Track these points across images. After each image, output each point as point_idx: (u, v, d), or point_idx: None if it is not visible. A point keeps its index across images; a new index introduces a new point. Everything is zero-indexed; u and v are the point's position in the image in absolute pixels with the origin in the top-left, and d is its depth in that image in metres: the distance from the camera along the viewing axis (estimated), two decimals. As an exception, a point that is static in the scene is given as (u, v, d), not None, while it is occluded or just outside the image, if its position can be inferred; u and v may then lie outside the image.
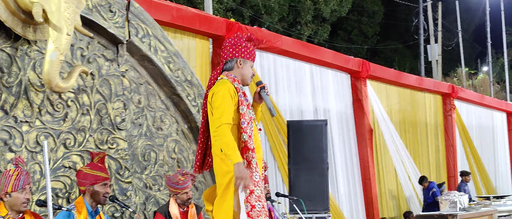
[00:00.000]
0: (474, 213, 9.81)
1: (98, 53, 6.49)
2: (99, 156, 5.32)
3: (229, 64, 4.89)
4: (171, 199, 6.03)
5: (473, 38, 39.05)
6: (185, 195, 5.98)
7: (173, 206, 5.98)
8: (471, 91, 17.24)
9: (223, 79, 4.80)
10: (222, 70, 4.89)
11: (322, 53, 10.67)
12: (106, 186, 5.15)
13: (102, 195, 5.11)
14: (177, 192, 5.97)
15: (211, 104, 4.71)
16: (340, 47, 27.78)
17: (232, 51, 4.89)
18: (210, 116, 4.73)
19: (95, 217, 5.11)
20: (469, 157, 15.72)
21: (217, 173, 4.71)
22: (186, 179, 6.00)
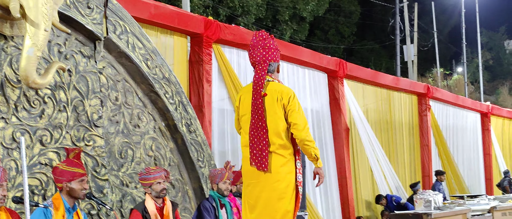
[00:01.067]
0: (448, 212, 9.89)
1: (75, 49, 6.45)
2: (74, 152, 5.29)
3: (272, 67, 5.34)
4: (147, 195, 6.02)
5: (448, 39, 39.43)
6: (159, 185, 5.94)
7: (149, 202, 5.97)
8: (446, 91, 17.38)
9: (280, 82, 5.34)
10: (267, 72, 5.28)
11: (299, 52, 10.71)
12: (83, 182, 5.13)
13: (79, 191, 5.10)
14: (151, 184, 5.94)
15: (288, 106, 5.15)
16: (317, 47, 27.88)
17: (275, 55, 5.35)
18: (292, 116, 5.12)
19: (72, 213, 5.09)
20: (442, 156, 15.87)
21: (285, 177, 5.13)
22: (157, 168, 6.03)
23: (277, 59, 5.39)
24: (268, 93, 5.21)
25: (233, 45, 9.29)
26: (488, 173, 18.06)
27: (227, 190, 6.68)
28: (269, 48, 5.35)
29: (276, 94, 5.20)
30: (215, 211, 6.54)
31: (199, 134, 7.79)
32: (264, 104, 5.18)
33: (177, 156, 7.64)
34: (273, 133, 5.13)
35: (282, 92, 5.22)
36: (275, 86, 5.25)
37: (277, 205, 5.08)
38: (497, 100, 34.01)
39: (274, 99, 5.18)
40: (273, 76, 5.35)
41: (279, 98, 5.18)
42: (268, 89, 5.23)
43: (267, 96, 5.21)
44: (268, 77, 5.30)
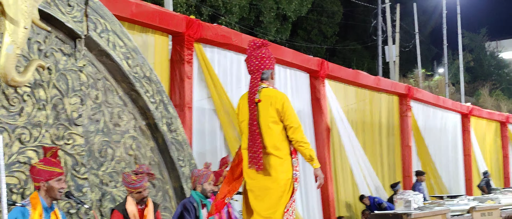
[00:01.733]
0: (428, 212, 9.94)
1: (55, 47, 6.41)
2: (52, 151, 5.25)
3: (265, 74, 5.77)
4: (129, 196, 5.99)
5: (430, 40, 39.68)
6: (139, 195, 5.93)
7: (130, 203, 5.94)
8: (427, 92, 17.47)
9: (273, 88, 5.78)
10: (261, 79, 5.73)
11: (281, 52, 10.71)
12: (61, 181, 5.10)
13: (57, 190, 5.06)
14: (131, 191, 5.93)
15: (282, 110, 5.60)
16: (299, 47, 27.93)
17: (268, 63, 5.78)
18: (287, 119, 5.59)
19: (50, 213, 5.06)
20: (422, 157, 15.96)
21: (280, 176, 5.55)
22: (139, 178, 5.93)
23: (270, 66, 5.78)
24: (262, 99, 5.63)
25: (215, 44, 9.28)
26: (468, 174, 18.19)
27: (211, 191, 6.67)
28: (261, 57, 5.77)
29: (270, 99, 5.61)
30: (196, 211, 6.53)
31: (180, 134, 7.77)
32: (258, 110, 5.62)
33: (157, 155, 7.62)
34: (267, 136, 5.58)
35: (275, 97, 5.64)
36: (269, 92, 5.67)
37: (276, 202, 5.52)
38: (477, 101, 34.26)
39: (268, 104, 5.61)
40: (267, 82, 5.76)
41: (273, 102, 5.61)
42: (262, 95, 5.65)
43: (262, 102, 5.63)
44: (262, 83, 5.72)
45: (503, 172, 20.69)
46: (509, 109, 32.43)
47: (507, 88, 39.56)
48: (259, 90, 5.70)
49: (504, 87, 39.42)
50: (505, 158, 20.71)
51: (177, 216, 6.49)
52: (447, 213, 10.51)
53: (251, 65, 5.81)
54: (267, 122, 5.59)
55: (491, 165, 19.92)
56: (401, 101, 15.02)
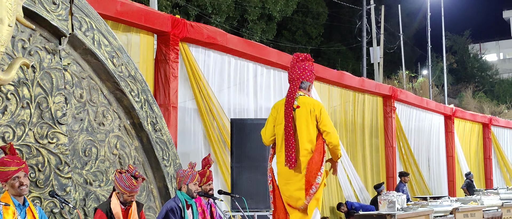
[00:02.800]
0: (411, 213, 9.99)
1: (40, 45, 6.37)
2: (7, 147, 5.16)
3: (304, 84, 6.52)
4: (114, 195, 5.96)
5: (414, 42, 39.89)
6: (130, 198, 5.92)
7: (115, 203, 5.90)
8: (410, 94, 17.54)
9: (310, 96, 6.52)
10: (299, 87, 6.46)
11: (266, 53, 10.72)
12: (20, 178, 5.00)
13: (17, 188, 4.98)
14: (123, 193, 5.90)
15: (319, 116, 6.33)
16: (284, 47, 27.96)
17: (309, 76, 6.56)
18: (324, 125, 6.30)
19: (24, 209, 5.01)
20: (405, 158, 16.03)
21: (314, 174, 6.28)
22: (138, 183, 5.93)
23: (310, 79, 6.57)
24: (300, 105, 6.37)
25: (200, 44, 9.27)
26: (451, 175, 18.29)
27: (196, 191, 6.66)
28: (304, 69, 6.55)
29: (309, 106, 6.35)
30: (181, 212, 6.51)
31: (165, 133, 7.75)
32: (295, 115, 6.37)
33: (142, 155, 7.59)
34: (305, 140, 6.31)
35: (314, 104, 6.39)
36: (307, 100, 6.40)
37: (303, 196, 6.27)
38: (460, 103, 34.49)
39: (308, 111, 6.34)
40: (305, 91, 6.49)
41: (312, 110, 6.34)
42: (300, 102, 6.39)
43: (300, 108, 6.36)
44: (299, 92, 6.45)
45: (485, 174, 20.83)
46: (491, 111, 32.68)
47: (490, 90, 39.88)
48: (297, 97, 6.42)
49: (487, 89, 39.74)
50: (488, 159, 20.85)
51: (162, 216, 6.46)
52: (431, 214, 10.57)
53: (292, 74, 6.56)
54: (305, 126, 6.31)
55: (474, 166, 20.05)
56: (385, 102, 15.08)
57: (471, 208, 12.03)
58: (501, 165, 21.68)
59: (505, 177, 21.68)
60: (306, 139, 6.31)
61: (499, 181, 21.28)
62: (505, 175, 21.72)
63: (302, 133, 6.32)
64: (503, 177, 21.68)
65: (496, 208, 13.08)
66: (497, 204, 13.22)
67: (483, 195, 13.19)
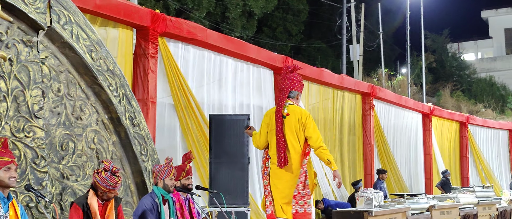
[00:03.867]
0: (388, 210, 10.06)
1: (17, 38, 6.32)
2: (0, 141, 5.15)
3: (292, 94, 7.26)
4: (91, 191, 5.92)
5: (393, 40, 40.11)
6: (107, 195, 5.91)
7: (92, 198, 5.87)
8: (389, 91, 17.63)
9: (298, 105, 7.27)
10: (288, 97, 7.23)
11: (246, 49, 10.72)
12: (11, 170, 5.00)
13: (7, 179, 4.97)
14: (109, 192, 5.88)
15: (305, 123, 7.11)
16: (264, 44, 27.97)
17: (297, 85, 7.28)
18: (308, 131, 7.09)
19: (8, 203, 4.98)
20: (383, 155, 16.12)
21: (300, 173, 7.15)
22: (120, 180, 5.93)
23: (298, 88, 7.28)
24: (290, 113, 7.12)
25: (180, 39, 9.24)
26: (428, 173, 18.43)
27: (173, 186, 6.65)
28: (292, 80, 7.27)
29: (297, 115, 7.13)
30: (158, 207, 6.49)
31: (143, 128, 7.73)
32: (284, 122, 7.13)
33: (119, 150, 7.56)
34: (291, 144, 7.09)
35: (301, 113, 7.16)
36: (295, 108, 7.17)
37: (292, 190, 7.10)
38: (438, 102, 34.74)
39: (296, 119, 7.11)
40: (293, 100, 7.25)
41: (299, 118, 7.12)
42: (289, 110, 7.14)
43: (289, 115, 7.12)
44: (289, 101, 7.22)
45: (462, 172, 21.02)
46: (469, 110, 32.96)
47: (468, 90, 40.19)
48: (286, 105, 7.19)
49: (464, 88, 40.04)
50: (464, 158, 21.04)
51: (139, 212, 6.45)
52: (407, 211, 10.64)
53: (282, 84, 7.29)
54: (293, 132, 7.10)
55: (451, 164, 20.22)
56: (364, 100, 15.15)
57: (448, 205, 12.14)
58: (477, 164, 21.88)
59: (480, 175, 21.90)
60: (294, 143, 7.12)
61: (475, 179, 21.49)
62: (481, 173, 21.93)
63: (290, 138, 7.13)
64: (479, 175, 21.90)
65: (472, 206, 13.21)
66: (473, 202, 13.35)
67: (459, 193, 13.31)
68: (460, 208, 12.55)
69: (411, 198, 11.86)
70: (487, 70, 44.53)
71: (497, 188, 20.82)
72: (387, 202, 10.73)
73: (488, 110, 35.88)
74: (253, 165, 10.43)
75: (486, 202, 13.76)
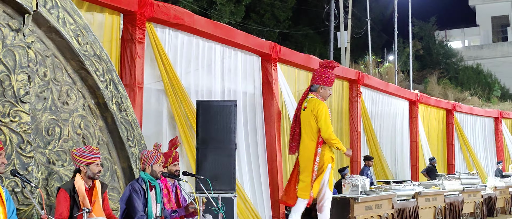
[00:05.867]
0: (374, 196, 10.12)
1: (3, 22, 6.26)
2: None
3: (314, 87, 8.18)
4: (78, 175, 5.93)
5: (381, 27, 40.13)
6: (97, 167, 5.95)
7: (79, 182, 5.89)
8: (376, 79, 17.65)
9: (317, 98, 8.08)
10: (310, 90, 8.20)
11: (234, 35, 10.68)
12: (1, 156, 4.99)
13: None
14: (90, 163, 5.90)
15: (317, 115, 7.98)
16: (252, 30, 27.92)
17: (318, 80, 8.15)
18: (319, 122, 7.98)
19: (-6, 189, 4.97)
20: (370, 142, 16.17)
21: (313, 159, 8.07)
22: (96, 148, 6.00)
23: (320, 82, 8.12)
24: (307, 107, 8.05)
25: (167, 24, 9.19)
26: (414, 160, 18.52)
27: (160, 172, 6.65)
28: (319, 75, 8.18)
29: (312, 107, 8.00)
30: (145, 193, 6.49)
31: (130, 113, 7.70)
32: (301, 116, 8.13)
33: (106, 135, 7.54)
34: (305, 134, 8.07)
35: (315, 105, 8.00)
36: (313, 101, 8.03)
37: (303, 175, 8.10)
38: (425, 89, 34.88)
39: (310, 111, 8.01)
40: (315, 94, 8.12)
41: (313, 109, 7.98)
42: (308, 104, 8.06)
43: (306, 109, 8.05)
44: (311, 94, 8.13)
45: (447, 159, 21.14)
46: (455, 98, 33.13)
47: (454, 77, 40.36)
48: (307, 99, 8.10)
49: (451, 76, 40.21)
50: (450, 145, 21.16)
51: (126, 197, 6.44)
52: (393, 198, 10.71)
53: (312, 79, 8.25)
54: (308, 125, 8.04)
55: (437, 151, 20.33)
56: (351, 87, 15.17)
57: (433, 192, 12.23)
58: (464, 150, 22.01)
59: (467, 162, 22.04)
60: (309, 133, 8.04)
61: (461, 166, 21.63)
62: (468, 160, 22.07)
63: (306, 130, 8.06)
64: (466, 162, 22.04)
65: (457, 193, 13.31)
66: (459, 189, 13.46)
67: (445, 180, 13.40)
68: (446, 195, 12.64)
69: (397, 185, 11.94)
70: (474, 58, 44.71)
71: (482, 175, 20.97)
72: (373, 188, 10.79)
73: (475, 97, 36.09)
74: (240, 151, 10.43)
75: (471, 189, 13.87)
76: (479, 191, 14.33)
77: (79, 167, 5.97)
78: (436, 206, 12.08)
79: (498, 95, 39.27)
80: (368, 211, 9.89)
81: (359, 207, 9.67)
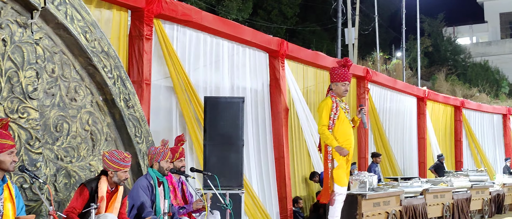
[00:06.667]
0: (382, 193, 10.10)
1: (11, 19, 6.28)
2: (2, 123, 5.12)
3: (330, 86, 8.61)
4: (103, 176, 5.89)
5: (389, 24, 40.03)
6: (124, 174, 5.89)
7: (103, 183, 5.85)
8: (384, 75, 17.60)
9: (327, 97, 8.54)
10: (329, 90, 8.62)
11: (241, 31, 10.67)
12: (13, 154, 4.99)
13: (9, 163, 4.95)
14: (119, 170, 5.85)
15: (317, 111, 8.61)
16: (260, 26, 27.90)
17: (331, 78, 8.57)
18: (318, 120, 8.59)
19: (2, 186, 4.97)
20: (378, 139, 16.14)
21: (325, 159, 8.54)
22: (129, 156, 5.94)
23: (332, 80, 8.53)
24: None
25: (175, 21, 9.19)
26: (422, 157, 18.47)
27: (169, 168, 6.65)
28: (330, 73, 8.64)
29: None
30: (153, 189, 6.50)
31: (138, 110, 7.71)
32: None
33: (114, 131, 7.55)
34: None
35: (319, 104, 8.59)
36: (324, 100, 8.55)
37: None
38: (433, 86, 34.79)
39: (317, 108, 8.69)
40: (331, 92, 8.56)
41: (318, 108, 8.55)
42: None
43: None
44: (329, 94, 8.58)
45: (456, 156, 21.08)
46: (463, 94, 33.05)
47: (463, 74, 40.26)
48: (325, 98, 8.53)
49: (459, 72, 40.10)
50: (458, 142, 21.10)
51: (134, 193, 6.45)
52: (401, 195, 10.70)
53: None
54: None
55: (445, 148, 20.28)
56: (359, 84, 15.14)
57: (441, 189, 12.20)
58: (472, 147, 21.95)
59: (475, 159, 21.97)
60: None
61: (469, 163, 21.56)
62: (476, 157, 22.00)
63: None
64: (474, 159, 21.97)
65: (465, 189, 13.27)
66: (467, 185, 13.42)
67: (453, 177, 13.37)
68: (454, 191, 12.61)
69: (405, 182, 11.92)
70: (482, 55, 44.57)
71: (490, 172, 20.91)
72: (381, 185, 10.77)
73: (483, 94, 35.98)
74: (247, 148, 10.43)
75: (479, 186, 13.83)
76: (487, 188, 14.29)
77: (107, 170, 5.93)
78: (444, 203, 12.05)
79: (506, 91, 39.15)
80: (376, 208, 9.88)
81: (367, 204, 9.66)
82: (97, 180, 5.86)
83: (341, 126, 8.36)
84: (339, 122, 8.36)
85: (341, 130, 8.36)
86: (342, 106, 8.49)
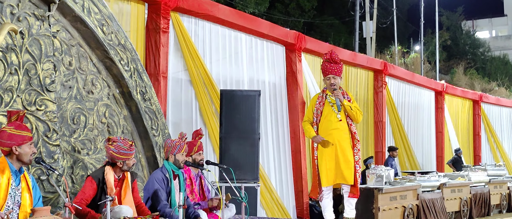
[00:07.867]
0: (399, 187, 10.06)
1: (28, 11, 6.31)
2: (18, 115, 5.16)
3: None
4: (108, 166, 5.94)
5: (407, 17, 39.80)
6: (131, 161, 5.97)
7: (109, 172, 5.89)
8: (402, 69, 17.50)
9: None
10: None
11: (258, 24, 10.66)
12: (32, 146, 5.05)
13: (29, 155, 5.01)
14: (128, 159, 5.91)
15: None
16: (277, 19, 27.85)
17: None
18: None
19: (20, 176, 5.01)
20: (396, 133, 16.07)
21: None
22: (133, 144, 6.00)
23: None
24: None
25: (192, 14, 9.20)
26: (440, 151, 18.37)
27: (183, 161, 6.67)
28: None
29: None
30: (168, 182, 6.52)
31: (154, 103, 7.73)
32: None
33: (130, 124, 7.58)
34: None
35: None
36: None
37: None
38: (452, 79, 34.56)
39: None
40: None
41: None
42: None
43: None
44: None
45: (474, 150, 20.95)
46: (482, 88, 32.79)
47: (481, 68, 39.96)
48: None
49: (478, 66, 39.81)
50: (477, 136, 20.95)
51: (149, 186, 6.47)
52: (418, 189, 10.64)
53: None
54: None
55: (463, 142, 20.15)
56: (376, 77, 15.07)
57: (459, 183, 12.12)
58: (491, 142, 21.79)
59: (494, 153, 21.81)
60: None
61: (488, 157, 21.41)
62: (495, 151, 21.84)
63: None
64: (492, 154, 21.81)
65: (483, 184, 13.19)
66: (485, 180, 13.33)
67: (470, 171, 13.28)
68: (471, 186, 12.53)
69: (422, 176, 11.86)
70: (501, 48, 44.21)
71: (509, 167, 20.74)
72: (397, 179, 10.73)
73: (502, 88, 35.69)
74: (263, 141, 10.43)
75: (497, 181, 13.73)
76: (505, 182, 14.18)
77: (115, 162, 5.96)
78: (462, 198, 11.98)
79: (525, 86, 38.79)
80: (392, 202, 9.84)
81: (383, 198, 9.63)
82: (103, 171, 5.90)
83: (324, 120, 8.31)
84: (322, 117, 8.33)
85: (324, 125, 8.29)
86: (330, 100, 8.33)
